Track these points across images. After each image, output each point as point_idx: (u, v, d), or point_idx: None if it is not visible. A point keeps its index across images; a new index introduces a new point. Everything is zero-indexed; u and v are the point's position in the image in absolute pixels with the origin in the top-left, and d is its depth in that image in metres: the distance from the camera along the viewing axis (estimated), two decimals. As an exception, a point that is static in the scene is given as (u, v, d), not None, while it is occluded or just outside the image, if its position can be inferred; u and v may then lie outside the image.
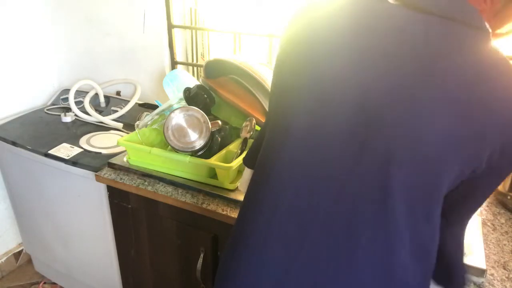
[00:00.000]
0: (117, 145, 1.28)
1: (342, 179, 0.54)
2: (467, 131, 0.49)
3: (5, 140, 1.45)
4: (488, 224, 0.99)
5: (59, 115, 1.62)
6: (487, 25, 0.53)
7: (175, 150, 1.06)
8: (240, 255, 0.61)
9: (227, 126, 1.16)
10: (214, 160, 1.04)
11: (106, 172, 1.18)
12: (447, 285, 0.64)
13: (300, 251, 0.56)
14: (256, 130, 1.17)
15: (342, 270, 0.54)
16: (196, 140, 1.05)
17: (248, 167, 0.81)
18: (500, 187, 1.07)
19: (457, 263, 0.64)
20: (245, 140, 1.13)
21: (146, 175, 1.14)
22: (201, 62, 1.63)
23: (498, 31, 0.57)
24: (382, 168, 0.52)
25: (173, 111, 1.05)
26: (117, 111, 1.60)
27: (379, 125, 0.51)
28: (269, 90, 1.14)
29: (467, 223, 0.63)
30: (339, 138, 0.54)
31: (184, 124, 1.05)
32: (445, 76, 0.49)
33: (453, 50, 0.51)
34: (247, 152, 0.83)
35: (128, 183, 1.12)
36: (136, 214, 1.19)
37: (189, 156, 1.06)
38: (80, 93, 1.68)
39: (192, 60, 1.65)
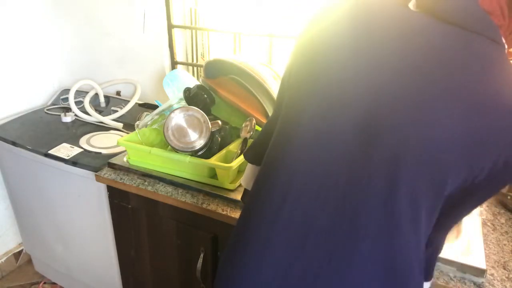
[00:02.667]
0: (117, 145, 1.29)
1: (349, 181, 0.55)
2: (474, 141, 0.50)
3: (5, 140, 1.45)
4: (488, 224, 0.99)
5: (59, 115, 1.62)
6: (504, 41, 0.54)
7: (175, 150, 1.06)
8: (242, 253, 0.61)
9: (227, 126, 1.16)
10: (214, 160, 1.04)
11: (106, 172, 1.18)
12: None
13: (302, 250, 0.56)
14: (256, 130, 1.17)
15: (344, 269, 0.55)
16: (196, 140, 1.05)
17: (250, 162, 0.81)
18: (500, 187, 1.07)
19: (432, 262, 0.67)
20: (245, 140, 1.13)
21: (146, 175, 1.14)
22: (201, 62, 1.63)
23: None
24: (388, 171, 0.52)
25: (173, 111, 1.05)
26: (117, 111, 1.60)
27: (386, 130, 0.52)
28: (269, 90, 1.15)
29: (450, 228, 0.64)
30: (347, 141, 0.55)
31: (184, 124, 1.05)
32: (458, 86, 0.50)
33: (469, 60, 0.51)
34: (249, 148, 0.83)
35: (128, 183, 1.12)
36: (136, 214, 1.19)
37: (189, 156, 1.06)
38: (80, 93, 1.68)
39: (192, 60, 1.65)
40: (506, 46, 0.55)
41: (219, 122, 1.10)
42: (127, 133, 1.44)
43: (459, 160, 0.50)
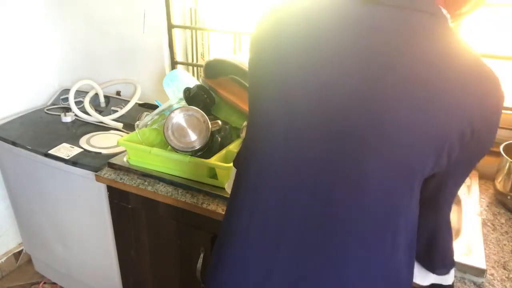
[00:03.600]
0: (117, 145, 1.28)
1: (315, 177, 0.55)
2: (431, 119, 0.49)
3: (5, 140, 1.45)
4: (488, 224, 0.99)
5: (59, 115, 1.62)
6: (443, 9, 0.52)
7: (175, 150, 1.06)
8: (225, 256, 0.62)
9: (227, 126, 1.16)
10: (214, 160, 1.04)
11: (106, 172, 1.18)
12: (436, 268, 0.64)
13: (278, 251, 0.57)
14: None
15: (320, 267, 0.55)
16: (196, 140, 1.05)
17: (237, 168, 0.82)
18: (500, 187, 1.07)
19: (449, 245, 0.64)
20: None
21: (146, 175, 1.14)
22: (201, 62, 1.63)
23: (458, 11, 0.56)
24: (353, 165, 0.52)
25: (173, 111, 1.05)
26: (117, 111, 1.60)
27: (345, 126, 0.52)
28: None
29: (451, 202, 0.62)
30: (308, 138, 0.55)
31: (184, 124, 1.05)
32: (402, 69, 0.49)
33: (407, 40, 0.50)
34: (236, 155, 0.83)
35: (128, 183, 1.12)
36: (136, 214, 1.19)
37: (189, 156, 1.06)
38: (80, 93, 1.68)
39: (192, 60, 1.65)
40: (447, 14, 0.53)
41: (219, 122, 1.10)
42: (127, 133, 1.44)
43: (425, 141, 0.49)
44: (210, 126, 1.05)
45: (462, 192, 1.08)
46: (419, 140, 0.49)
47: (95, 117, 1.57)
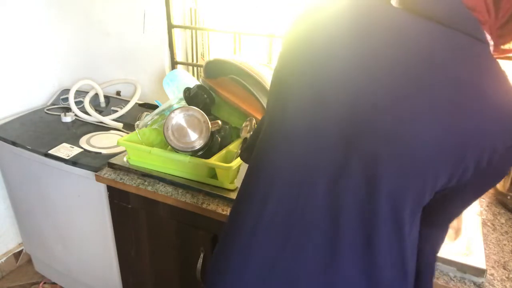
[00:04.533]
0: (117, 145, 1.28)
1: (329, 181, 0.54)
2: (456, 139, 0.49)
3: (5, 140, 1.45)
4: (488, 224, 0.99)
5: (59, 115, 1.62)
6: (488, 37, 0.53)
7: (175, 150, 1.06)
8: (229, 252, 0.62)
9: (227, 126, 1.16)
10: (214, 160, 1.04)
11: (106, 172, 1.18)
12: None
13: (284, 251, 0.56)
14: (256, 130, 1.17)
15: (324, 271, 0.54)
16: (196, 140, 1.05)
17: (246, 162, 0.81)
18: (500, 187, 1.07)
19: (431, 264, 0.65)
20: (245, 140, 1.13)
21: (146, 175, 1.14)
22: (201, 62, 1.63)
23: (505, 46, 0.56)
24: (368, 172, 0.52)
25: (173, 111, 1.05)
26: (117, 111, 1.60)
27: (368, 130, 0.52)
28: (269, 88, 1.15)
29: (446, 227, 0.63)
30: (328, 141, 0.55)
31: (184, 124, 1.05)
32: (439, 86, 0.49)
33: (451, 60, 0.50)
34: (244, 147, 0.83)
35: (128, 183, 1.12)
36: (136, 214, 1.19)
37: (189, 156, 1.06)
38: (80, 93, 1.68)
39: (192, 60, 1.65)
40: (492, 43, 0.53)
41: (219, 122, 1.10)
42: (127, 133, 1.44)
43: (442, 158, 0.50)
44: (210, 126, 1.05)
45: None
46: (437, 157, 0.50)
47: (95, 117, 1.57)
